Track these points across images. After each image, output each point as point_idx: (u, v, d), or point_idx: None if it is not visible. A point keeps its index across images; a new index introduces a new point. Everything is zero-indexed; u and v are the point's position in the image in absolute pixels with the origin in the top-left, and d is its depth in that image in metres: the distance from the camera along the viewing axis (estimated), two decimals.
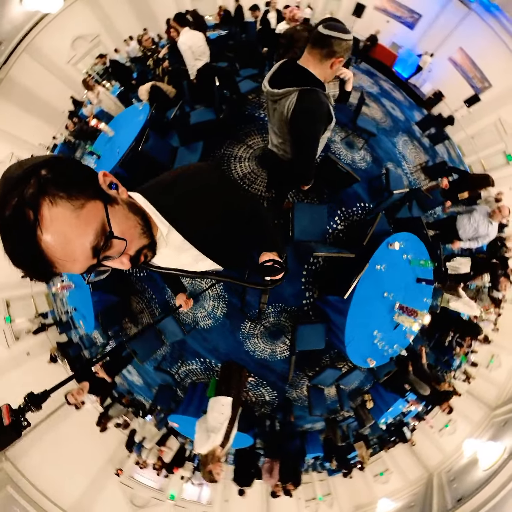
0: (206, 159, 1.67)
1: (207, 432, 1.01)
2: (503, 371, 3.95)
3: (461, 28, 4.20)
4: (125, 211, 0.26)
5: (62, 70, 5.06)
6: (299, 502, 3.89)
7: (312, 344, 1.42)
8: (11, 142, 4.82)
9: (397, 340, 1.34)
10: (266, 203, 1.55)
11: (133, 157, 1.65)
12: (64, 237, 0.20)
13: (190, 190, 0.34)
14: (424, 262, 1.27)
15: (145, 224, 0.29)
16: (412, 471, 4.00)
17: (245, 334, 1.63)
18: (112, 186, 0.27)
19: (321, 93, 0.66)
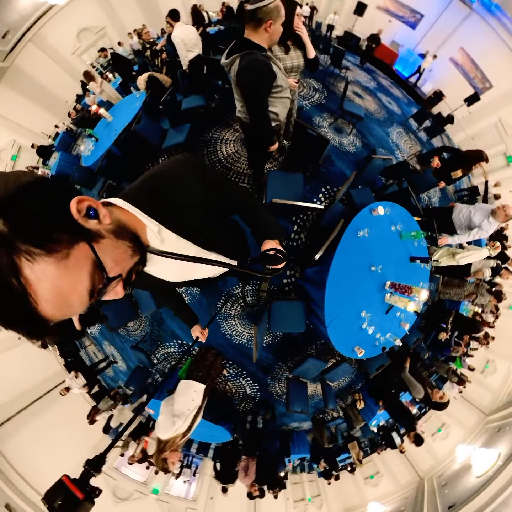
0: (193, 141, 1.73)
1: (173, 416, 0.91)
2: (498, 376, 3.88)
3: (463, 28, 4.21)
4: (112, 241, 0.24)
5: (67, 61, 5.14)
6: (287, 502, 3.82)
7: (289, 325, 1.22)
8: (13, 129, 4.89)
9: (390, 328, 1.14)
10: (247, 179, 1.59)
11: (126, 136, 1.78)
12: (58, 292, 0.18)
13: (167, 186, 0.33)
14: (415, 234, 1.09)
15: (134, 240, 0.27)
16: (403, 475, 3.92)
17: (221, 314, 1.57)
18: (91, 212, 0.22)
19: (260, 54, 0.77)
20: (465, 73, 4.52)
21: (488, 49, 4.09)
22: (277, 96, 0.89)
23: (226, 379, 1.76)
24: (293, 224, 1.52)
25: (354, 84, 2.81)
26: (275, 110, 0.93)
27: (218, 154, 1.72)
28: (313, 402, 1.99)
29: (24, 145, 4.97)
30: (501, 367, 3.94)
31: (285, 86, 0.89)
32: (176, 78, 2.16)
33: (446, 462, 3.53)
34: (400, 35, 4.78)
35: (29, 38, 4.60)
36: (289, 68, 1.03)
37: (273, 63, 0.81)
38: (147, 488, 3.51)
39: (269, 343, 1.65)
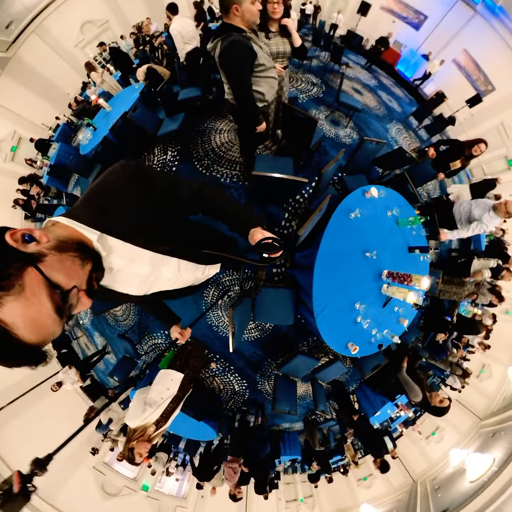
0: (188, 130, 1.74)
1: (145, 404, 0.87)
2: (494, 381, 3.85)
3: (466, 30, 4.20)
4: (56, 257, 0.25)
5: (70, 53, 5.14)
6: (279, 502, 3.79)
7: (276, 316, 1.11)
8: (14, 120, 4.88)
9: (388, 324, 1.03)
10: (239, 167, 1.58)
11: (122, 124, 1.81)
12: (30, 320, 0.21)
13: (106, 197, 0.34)
14: (413, 219, 1.01)
15: (80, 250, 0.28)
16: (396, 477, 3.87)
17: (208, 304, 1.51)
18: (26, 237, 0.24)
19: (238, 35, 0.81)
20: (467, 75, 4.51)
21: (491, 52, 4.09)
22: (261, 75, 0.92)
23: (213, 374, 1.71)
24: (284, 211, 1.50)
25: (354, 81, 2.81)
26: (260, 89, 0.95)
27: (212, 143, 1.73)
28: (305, 403, 1.93)
29: (25, 136, 4.96)
30: (496, 372, 3.91)
31: (268, 65, 0.91)
32: (175, 70, 2.19)
33: (440, 465, 3.49)
34: (403, 35, 4.78)
35: (32, 29, 4.60)
36: (275, 54, 1.05)
37: (253, 43, 0.84)
38: (137, 484, 3.47)
39: (258, 337, 1.59)
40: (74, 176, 2.81)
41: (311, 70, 2.54)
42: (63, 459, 2.99)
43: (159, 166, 1.76)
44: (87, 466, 3.20)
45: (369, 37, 4.84)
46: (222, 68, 0.88)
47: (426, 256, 1.10)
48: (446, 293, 1.99)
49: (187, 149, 1.72)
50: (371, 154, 1.38)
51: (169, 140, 1.78)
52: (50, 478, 2.60)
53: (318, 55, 2.96)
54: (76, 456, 3.11)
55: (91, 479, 3.22)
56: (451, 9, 4.18)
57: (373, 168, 1.71)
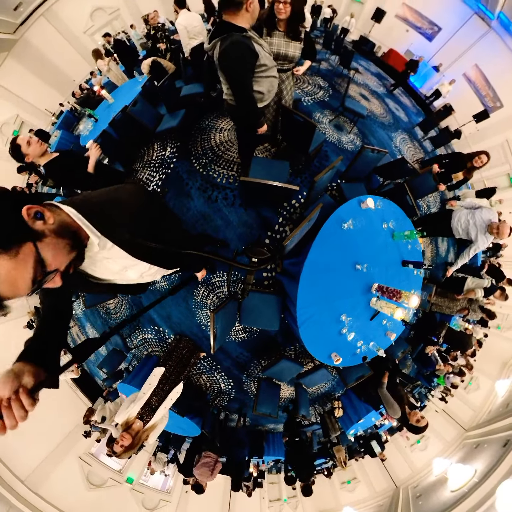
0: (188, 127, 1.73)
1: (132, 402, 0.93)
2: (481, 394, 3.90)
3: (479, 45, 4.19)
4: (53, 239, 0.31)
5: (78, 39, 5.04)
6: (262, 501, 3.83)
7: (262, 321, 1.13)
8: (18, 104, 4.80)
9: (374, 337, 1.03)
10: (236, 167, 1.57)
11: (122, 119, 1.77)
12: (10, 278, 0.26)
13: (119, 206, 0.41)
14: (409, 233, 0.99)
15: (73, 239, 0.34)
16: (379, 482, 3.95)
17: (197, 303, 1.54)
18: (38, 215, 0.30)
19: (239, 35, 0.78)
20: (477, 90, 4.52)
21: (502, 68, 4.09)
22: (262, 75, 0.89)
23: (200, 371, 1.73)
24: (278, 215, 1.50)
25: (362, 87, 2.78)
26: (261, 89, 0.93)
27: (211, 141, 1.71)
28: (291, 406, 1.96)
29: (27, 121, 4.88)
30: (484, 385, 3.96)
31: (270, 65, 0.88)
32: (180, 65, 2.18)
33: (423, 473, 3.55)
34: (416, 45, 4.77)
35: (41, 12, 4.51)
36: (275, 55, 1.02)
37: (254, 42, 0.81)
38: (122, 477, 3.48)
39: (245, 339, 1.61)
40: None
41: (319, 73, 2.52)
42: (49, 449, 2.99)
43: (158, 162, 1.75)
44: (73, 456, 3.20)
45: (381, 44, 4.85)
46: (222, 71, 0.85)
47: (419, 271, 1.10)
48: (438, 306, 2.02)
49: (186, 147, 1.71)
50: (371, 163, 1.36)
51: (169, 136, 1.76)
52: (36, 467, 2.70)
53: (328, 58, 2.95)
54: (63, 446, 3.11)
55: (76, 469, 3.22)
56: (465, 23, 4.16)
57: (374, 176, 1.70)
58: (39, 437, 2.83)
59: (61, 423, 3.12)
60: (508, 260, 3.75)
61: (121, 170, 1.76)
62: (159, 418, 0.93)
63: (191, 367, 1.40)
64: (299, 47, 1.05)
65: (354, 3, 5.02)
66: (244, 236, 1.47)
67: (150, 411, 0.93)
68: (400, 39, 4.68)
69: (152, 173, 1.74)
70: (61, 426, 3.13)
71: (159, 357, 1.23)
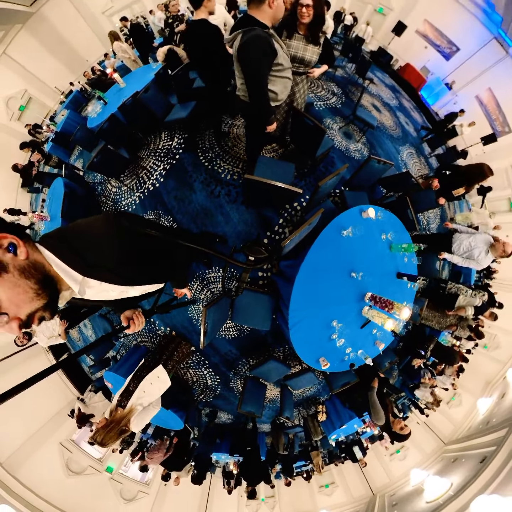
0: (198, 120, 1.70)
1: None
2: (462, 410, 3.96)
3: (495, 69, 4.24)
4: (14, 278, 0.27)
5: (96, 19, 4.91)
6: (240, 499, 3.81)
7: (253, 320, 1.12)
8: (27, 79, 4.67)
9: (363, 345, 1.04)
10: (242, 165, 1.57)
11: (132, 104, 1.76)
12: None
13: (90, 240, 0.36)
14: (406, 246, 1.01)
15: (43, 283, 0.29)
16: (357, 489, 3.99)
17: (190, 299, 1.50)
18: (10, 247, 0.27)
19: (261, 30, 0.79)
20: (487, 113, 4.58)
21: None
22: (277, 75, 0.91)
23: (188, 365, 1.72)
24: (279, 216, 1.49)
25: (375, 98, 2.80)
26: (275, 89, 0.93)
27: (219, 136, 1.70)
28: (276, 406, 1.96)
29: (35, 97, 4.77)
30: (466, 401, 4.02)
31: (286, 66, 0.91)
32: None
33: (400, 482, 3.61)
34: (433, 62, 4.80)
35: None
36: (291, 57, 1.03)
37: (275, 41, 0.82)
38: (102, 465, 3.45)
39: (235, 337, 1.60)
40: (78, 148, 2.73)
41: (334, 79, 2.52)
42: (30, 432, 2.88)
43: (164, 151, 1.73)
44: (54, 441, 3.16)
45: (399, 58, 4.84)
46: (239, 62, 0.84)
47: (413, 284, 1.11)
48: (429, 321, 2.05)
49: (194, 139, 1.69)
50: (376, 173, 1.37)
51: (178, 127, 1.75)
52: (15, 450, 2.64)
53: (345, 65, 2.96)
54: (44, 431, 3.06)
55: (56, 455, 3.17)
56: (484, 46, 4.20)
57: (378, 187, 1.70)
58: (20, 420, 2.78)
59: (43, 408, 3.06)
60: (500, 282, 3.82)
61: (126, 156, 1.73)
62: (135, 401, 0.92)
63: (179, 361, 1.38)
64: (317, 52, 1.05)
65: (377, 13, 4.98)
66: (243, 234, 1.47)
67: (128, 396, 0.92)
68: (418, 55, 4.68)
69: (157, 162, 1.72)
70: (44, 411, 3.07)
71: (147, 347, 1.22)
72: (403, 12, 4.59)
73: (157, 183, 1.66)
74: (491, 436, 2.54)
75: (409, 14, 4.55)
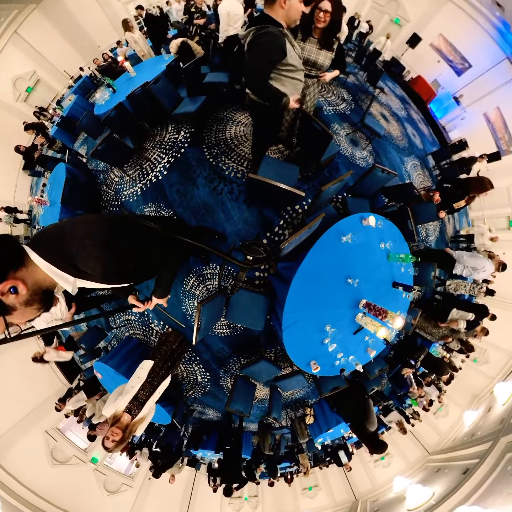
0: (206, 115, 1.72)
1: (119, 394, 0.93)
2: (448, 421, 4.01)
3: (505, 89, 4.28)
4: (21, 310, 0.34)
5: (111, 5, 4.82)
6: (223, 497, 3.83)
7: (247, 319, 1.12)
8: (37, 60, 4.58)
9: (355, 351, 1.06)
10: (246, 163, 1.57)
11: (141, 94, 1.74)
12: None
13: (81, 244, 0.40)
14: (404, 257, 1.02)
15: (43, 301, 0.36)
16: (340, 493, 4.02)
17: (186, 292, 1.53)
18: (12, 290, 0.32)
19: (274, 28, 0.78)
20: (493, 131, 4.61)
21: None
22: (288, 75, 0.90)
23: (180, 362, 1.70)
24: (279, 218, 1.49)
25: (384, 107, 2.81)
26: (284, 89, 0.92)
27: (226, 133, 1.70)
28: (264, 406, 1.97)
29: (43, 79, 4.71)
30: (453, 413, 4.06)
31: (298, 67, 0.91)
32: (209, 50, 2.12)
33: (383, 489, 3.66)
34: (444, 77, 4.82)
35: None
36: (304, 60, 1.03)
37: (288, 41, 0.81)
38: (87, 456, 3.42)
39: (228, 335, 1.60)
40: (83, 134, 2.69)
41: (345, 85, 2.54)
42: (16, 419, 2.84)
43: (169, 144, 1.72)
44: (40, 429, 3.12)
45: (411, 69, 4.85)
46: (247, 53, 0.82)
47: (408, 294, 1.12)
48: (422, 331, 2.08)
49: (200, 134, 1.69)
50: (379, 182, 1.38)
51: (185, 121, 1.74)
52: (0, 436, 2.61)
53: (357, 72, 2.97)
54: (30, 418, 3.02)
55: (41, 443, 3.13)
56: (496, 65, 4.23)
57: (380, 196, 1.72)
58: (6, 406, 2.73)
59: (31, 395, 3.02)
60: (491, 299, 3.88)
61: (131, 146, 1.72)
62: (147, 411, 0.94)
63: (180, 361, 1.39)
64: (330, 57, 1.05)
65: (393, 24, 5.00)
66: (243, 233, 1.47)
67: (139, 405, 0.93)
68: (430, 68, 4.71)
69: (161, 154, 1.72)
70: (31, 398, 3.03)
71: (139, 340, 1.22)
72: (419, 25, 4.61)
73: (160, 176, 1.66)
74: (475, 448, 2.57)
75: (425, 27, 4.57)
